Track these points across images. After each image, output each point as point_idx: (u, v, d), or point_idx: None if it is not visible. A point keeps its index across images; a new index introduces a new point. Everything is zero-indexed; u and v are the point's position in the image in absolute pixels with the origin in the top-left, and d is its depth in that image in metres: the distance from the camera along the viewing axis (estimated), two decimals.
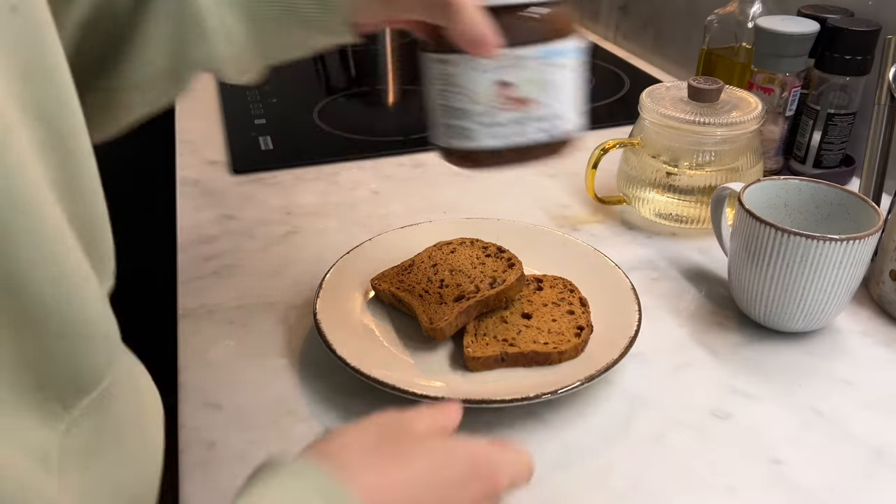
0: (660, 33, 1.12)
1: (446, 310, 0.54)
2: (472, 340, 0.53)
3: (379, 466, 0.33)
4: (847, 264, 0.52)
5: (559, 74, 0.44)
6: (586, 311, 0.56)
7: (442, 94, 0.44)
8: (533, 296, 0.57)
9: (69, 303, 0.28)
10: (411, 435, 0.35)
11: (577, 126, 0.46)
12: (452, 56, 0.43)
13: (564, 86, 0.44)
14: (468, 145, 0.45)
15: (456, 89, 0.43)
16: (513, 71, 0.43)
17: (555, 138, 0.45)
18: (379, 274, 0.59)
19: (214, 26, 0.44)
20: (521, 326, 0.54)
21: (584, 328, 0.53)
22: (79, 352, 0.29)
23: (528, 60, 0.42)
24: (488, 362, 0.52)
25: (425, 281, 0.57)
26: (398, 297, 0.56)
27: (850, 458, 0.47)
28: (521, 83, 0.43)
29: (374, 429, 0.35)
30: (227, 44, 0.45)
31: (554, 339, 0.53)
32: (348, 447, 0.33)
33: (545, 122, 0.45)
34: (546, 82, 0.43)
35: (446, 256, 0.60)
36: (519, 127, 0.44)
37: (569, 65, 0.44)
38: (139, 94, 0.45)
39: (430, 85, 0.45)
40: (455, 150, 0.46)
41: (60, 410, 0.29)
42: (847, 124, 0.74)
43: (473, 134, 0.44)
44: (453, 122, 0.45)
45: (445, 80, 0.44)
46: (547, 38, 0.43)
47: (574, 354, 0.52)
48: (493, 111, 0.43)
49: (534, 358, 0.52)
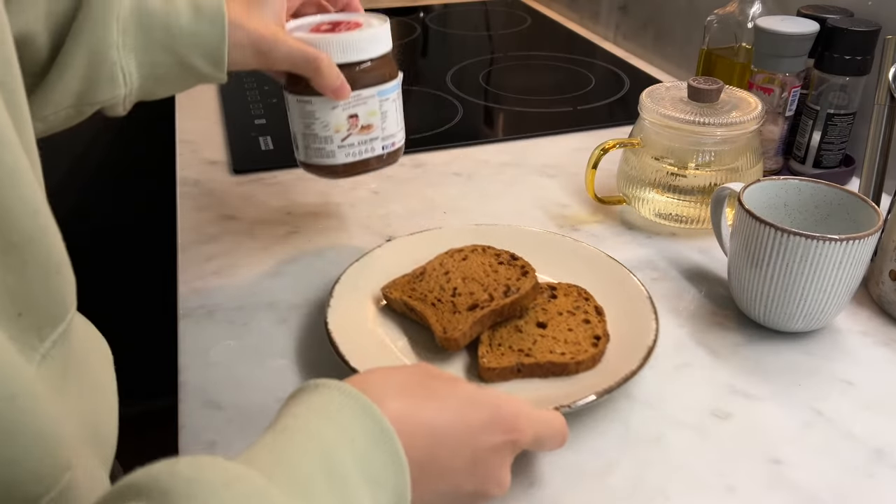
0: (660, 33, 1.12)
1: (460, 319, 0.53)
2: (486, 351, 0.52)
3: (409, 399, 0.35)
4: (847, 264, 0.52)
5: (389, 105, 0.60)
6: (602, 319, 0.55)
7: (305, 125, 0.59)
8: (547, 304, 0.56)
9: (45, 235, 0.30)
10: (444, 378, 0.38)
11: (401, 140, 0.63)
12: (314, 97, 0.57)
13: (393, 113, 0.61)
14: (329, 162, 0.60)
15: (317, 122, 0.58)
16: (358, 107, 0.58)
17: (389, 150, 0.62)
18: (390, 282, 0.58)
19: (118, 71, 0.51)
20: (537, 336, 0.53)
21: (600, 337, 0.53)
22: (52, 283, 0.32)
23: (368, 98, 0.59)
24: (504, 373, 0.51)
25: (438, 289, 0.56)
26: (410, 306, 0.55)
27: (850, 458, 0.47)
28: (364, 115, 0.59)
29: (411, 370, 0.38)
30: (125, 88, 0.52)
31: (570, 349, 0.52)
32: (385, 380, 0.36)
33: (383, 141, 0.61)
34: (381, 112, 0.60)
35: (458, 264, 0.59)
36: (365, 146, 0.60)
37: (394, 98, 0.61)
38: (39, 126, 0.50)
39: (294, 117, 0.60)
40: (317, 166, 0.61)
41: (36, 342, 0.31)
42: (847, 124, 0.74)
43: (333, 153, 0.59)
44: (316, 145, 0.59)
45: (308, 115, 0.59)
46: (378, 82, 0.59)
47: (591, 365, 0.51)
48: (345, 136, 0.59)
49: (550, 369, 0.51)
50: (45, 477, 0.29)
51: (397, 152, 0.63)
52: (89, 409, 0.39)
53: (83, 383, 0.38)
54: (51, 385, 0.33)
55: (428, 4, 1.48)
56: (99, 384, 0.41)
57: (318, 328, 0.58)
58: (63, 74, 0.48)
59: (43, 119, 0.50)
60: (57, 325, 0.32)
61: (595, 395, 0.47)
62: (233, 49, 0.53)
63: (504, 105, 1.00)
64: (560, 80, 1.09)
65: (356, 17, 0.61)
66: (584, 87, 1.05)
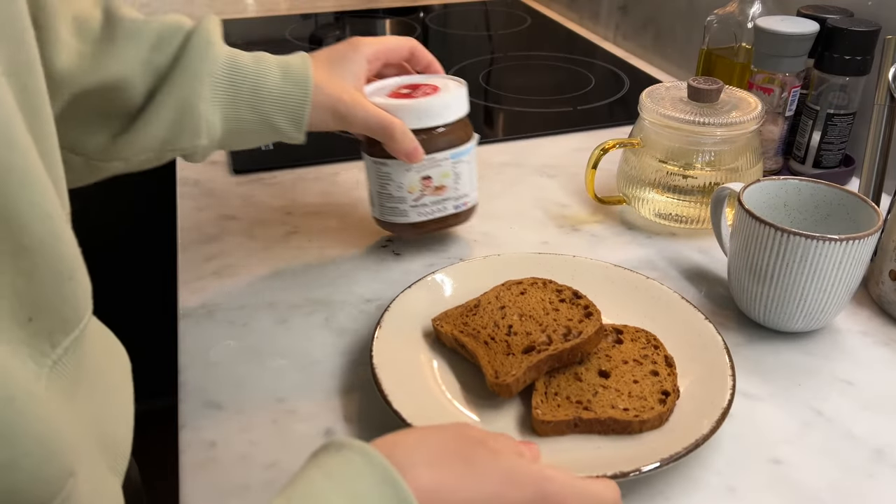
0: (660, 33, 1.12)
1: (514, 362, 0.48)
2: (541, 401, 0.47)
3: (443, 471, 0.33)
4: (847, 264, 0.52)
5: (463, 167, 0.62)
6: (672, 372, 0.49)
7: (381, 185, 0.62)
8: (612, 350, 0.51)
9: (58, 240, 0.30)
10: (488, 447, 0.35)
11: (475, 199, 0.65)
12: (389, 160, 0.60)
13: (467, 174, 0.63)
14: (402, 220, 0.63)
15: (392, 183, 0.61)
16: (431, 169, 0.61)
17: (461, 210, 0.64)
18: (442, 314, 0.55)
19: (203, 123, 0.52)
20: (598, 387, 0.48)
21: (669, 394, 0.47)
22: (66, 289, 0.31)
23: (441, 161, 0.61)
24: (559, 427, 0.46)
25: (492, 326, 0.52)
26: (461, 342, 0.51)
27: (850, 458, 0.47)
28: (437, 177, 0.61)
29: (450, 434, 0.35)
30: (208, 139, 0.53)
31: (635, 404, 0.47)
32: (418, 445, 0.33)
33: (455, 201, 0.63)
34: (454, 174, 0.62)
35: (515, 298, 0.55)
36: (437, 206, 0.63)
37: (467, 160, 0.63)
38: (121, 165, 0.53)
39: (370, 177, 0.63)
40: (391, 223, 0.64)
41: (47, 348, 0.31)
42: (846, 124, 0.74)
43: (405, 213, 0.62)
44: (390, 204, 0.62)
45: (383, 176, 0.61)
46: (452, 145, 0.61)
47: (657, 424, 0.46)
48: (418, 197, 0.62)
49: (611, 426, 0.46)
50: (48, 483, 0.28)
51: (470, 210, 0.65)
52: (101, 416, 0.38)
53: (96, 390, 0.37)
54: (61, 391, 0.32)
55: (428, 4, 1.48)
56: (113, 391, 0.41)
57: (318, 328, 0.58)
58: (152, 121, 0.50)
59: (126, 159, 0.52)
60: (70, 332, 0.32)
61: (660, 463, 0.42)
62: (313, 111, 0.55)
63: (504, 105, 1.00)
64: (560, 80, 1.09)
65: (435, 80, 0.63)
66: (584, 87, 1.05)
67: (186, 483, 0.45)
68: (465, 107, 0.62)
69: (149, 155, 0.53)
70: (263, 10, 1.42)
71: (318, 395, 0.51)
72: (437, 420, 0.46)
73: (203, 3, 1.41)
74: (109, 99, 0.50)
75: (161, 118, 0.51)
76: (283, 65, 0.55)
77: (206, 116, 0.52)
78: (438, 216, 0.63)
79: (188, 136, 0.52)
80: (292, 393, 0.51)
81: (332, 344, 0.56)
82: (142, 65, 0.50)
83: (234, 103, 0.53)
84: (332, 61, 0.58)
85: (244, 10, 1.43)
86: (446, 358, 0.53)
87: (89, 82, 0.48)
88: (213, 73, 0.52)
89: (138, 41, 0.50)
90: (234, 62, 0.53)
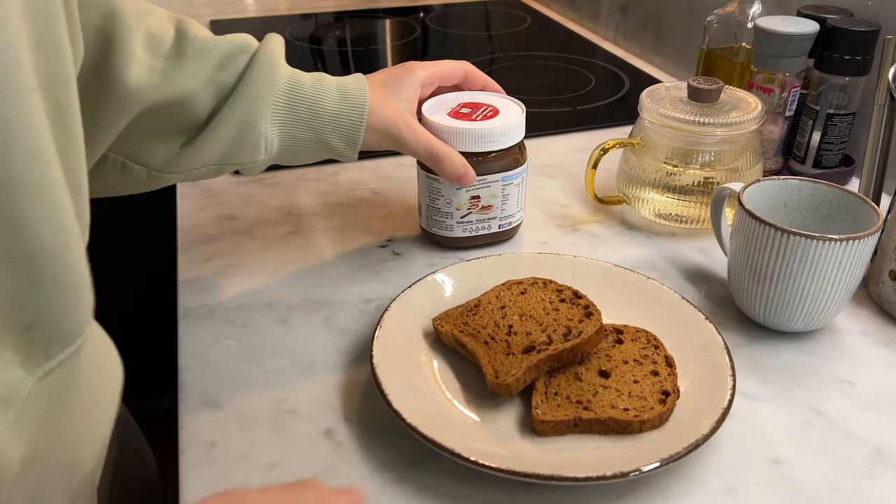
0: (660, 33, 1.12)
1: (514, 362, 0.48)
2: (541, 401, 0.47)
3: None
4: (847, 264, 0.52)
5: (511, 189, 0.64)
6: (673, 372, 0.49)
7: (431, 199, 0.64)
8: (612, 350, 0.51)
9: (67, 253, 0.30)
10: None
11: (520, 219, 0.67)
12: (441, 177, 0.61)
13: (515, 196, 0.65)
14: (447, 234, 0.65)
15: (441, 198, 0.63)
16: (481, 189, 0.63)
17: (504, 228, 0.66)
18: (442, 313, 0.55)
19: (262, 140, 0.54)
20: (598, 387, 0.48)
21: (669, 394, 0.48)
22: (69, 302, 0.31)
23: (491, 182, 0.63)
24: (559, 427, 0.46)
25: (492, 325, 0.52)
26: (461, 342, 0.51)
27: (850, 458, 0.47)
28: (486, 197, 0.63)
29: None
30: (265, 155, 0.55)
31: (635, 404, 0.47)
32: None
33: (501, 220, 0.66)
34: (503, 195, 0.64)
35: (516, 298, 0.55)
36: (482, 223, 0.65)
37: (517, 182, 0.64)
38: (181, 176, 0.55)
39: (421, 189, 0.65)
40: (437, 234, 0.66)
41: (42, 358, 0.30)
42: (847, 124, 0.74)
43: (451, 228, 0.65)
44: (437, 218, 0.64)
45: (434, 191, 0.63)
46: (504, 169, 0.63)
47: (657, 424, 0.46)
48: (465, 214, 0.64)
49: (611, 425, 0.46)
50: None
51: (514, 229, 0.67)
52: (74, 437, 0.37)
53: (78, 408, 0.37)
54: (43, 405, 0.32)
55: (428, 4, 1.48)
56: (95, 413, 0.39)
57: (318, 328, 0.58)
58: (214, 135, 0.52)
59: (187, 172, 0.54)
60: (67, 346, 0.32)
61: (660, 463, 0.42)
62: (367, 132, 0.57)
63: None
64: (560, 80, 1.09)
65: (496, 100, 0.65)
66: (584, 87, 1.05)
67: (186, 483, 0.45)
68: (521, 132, 0.63)
69: (209, 168, 0.54)
70: (263, 10, 1.42)
71: (318, 395, 0.51)
72: (438, 420, 0.46)
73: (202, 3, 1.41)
74: (175, 114, 0.51)
75: (223, 134, 0.52)
76: (342, 86, 0.57)
77: (265, 134, 0.54)
78: (482, 233, 0.65)
79: (248, 152, 0.54)
80: (292, 393, 0.51)
81: (332, 344, 0.56)
82: (208, 82, 0.52)
83: (292, 122, 0.55)
84: (387, 85, 0.60)
85: (244, 9, 1.43)
86: (446, 358, 0.53)
87: (158, 98, 0.50)
88: (275, 92, 0.54)
89: (206, 59, 0.52)
90: (295, 83, 0.55)
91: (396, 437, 0.47)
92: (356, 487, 0.43)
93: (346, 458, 0.46)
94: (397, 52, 1.22)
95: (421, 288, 0.57)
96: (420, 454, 0.46)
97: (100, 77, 0.47)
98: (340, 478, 0.45)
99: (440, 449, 0.43)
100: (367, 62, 1.18)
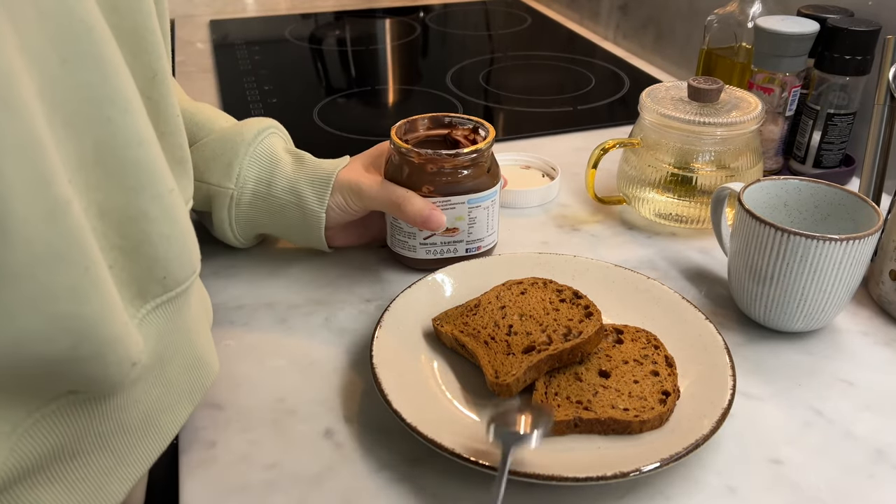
0: (660, 33, 1.12)
1: (514, 362, 0.48)
2: (541, 401, 0.48)
3: None
4: (847, 264, 0.52)
5: (479, 213, 0.61)
6: (673, 372, 0.49)
7: (392, 217, 0.62)
8: (612, 350, 0.51)
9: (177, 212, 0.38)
10: None
11: (490, 243, 0.64)
12: None
13: (484, 219, 0.62)
14: (410, 255, 0.63)
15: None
16: (446, 211, 0.60)
17: (472, 253, 0.63)
18: (442, 314, 0.55)
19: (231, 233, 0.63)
20: (598, 387, 0.48)
21: (669, 394, 0.47)
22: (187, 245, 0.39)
23: (456, 205, 0.60)
24: (559, 427, 0.46)
25: (492, 325, 0.52)
26: (461, 342, 0.51)
27: (850, 458, 0.47)
28: (450, 218, 0.60)
29: None
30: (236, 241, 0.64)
31: (635, 404, 0.47)
32: None
33: (468, 244, 0.63)
34: (469, 218, 0.61)
35: (516, 298, 0.55)
36: (448, 246, 0.62)
37: (486, 206, 0.61)
38: None
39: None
40: (400, 255, 0.63)
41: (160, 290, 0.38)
42: (847, 124, 0.74)
43: (414, 249, 0.62)
44: (400, 237, 0.62)
45: None
46: (470, 191, 0.60)
47: (657, 424, 0.46)
48: (428, 236, 0.61)
49: (611, 426, 0.46)
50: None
51: (484, 254, 0.64)
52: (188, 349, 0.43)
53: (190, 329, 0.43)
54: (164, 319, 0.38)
55: (428, 4, 1.48)
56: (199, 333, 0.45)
57: (318, 328, 0.58)
58: None
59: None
60: (181, 284, 0.39)
61: (660, 463, 0.42)
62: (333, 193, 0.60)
63: (504, 105, 1.00)
64: (560, 80, 1.09)
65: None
66: (584, 87, 1.05)
67: (186, 483, 0.45)
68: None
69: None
70: (263, 10, 1.42)
71: (318, 395, 0.51)
72: (438, 420, 0.46)
73: (202, 2, 1.41)
74: None
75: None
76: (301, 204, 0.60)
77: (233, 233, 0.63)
78: (448, 256, 0.62)
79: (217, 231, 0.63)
80: (292, 393, 0.51)
81: (332, 344, 0.56)
82: None
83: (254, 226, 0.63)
84: (372, 160, 0.63)
85: (244, 9, 1.43)
86: (446, 358, 0.53)
87: None
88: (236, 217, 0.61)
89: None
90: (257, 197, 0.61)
91: (396, 437, 0.47)
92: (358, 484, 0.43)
93: (346, 458, 0.46)
94: (397, 52, 1.22)
95: (421, 288, 0.57)
96: (420, 454, 0.46)
97: None
98: (340, 478, 0.45)
99: (440, 449, 0.43)
100: (368, 62, 1.18)
